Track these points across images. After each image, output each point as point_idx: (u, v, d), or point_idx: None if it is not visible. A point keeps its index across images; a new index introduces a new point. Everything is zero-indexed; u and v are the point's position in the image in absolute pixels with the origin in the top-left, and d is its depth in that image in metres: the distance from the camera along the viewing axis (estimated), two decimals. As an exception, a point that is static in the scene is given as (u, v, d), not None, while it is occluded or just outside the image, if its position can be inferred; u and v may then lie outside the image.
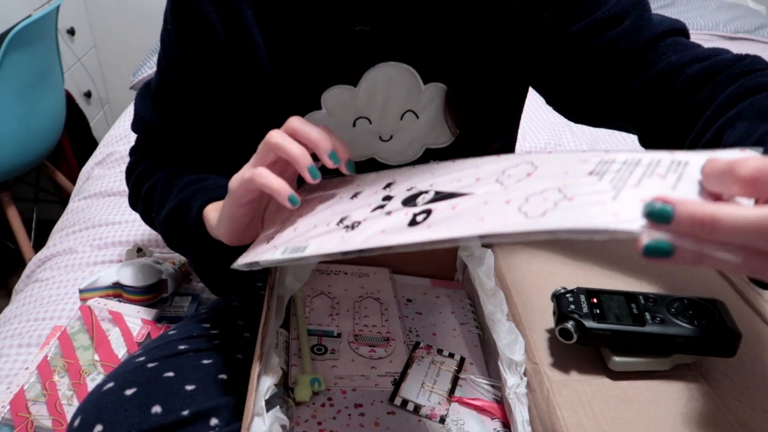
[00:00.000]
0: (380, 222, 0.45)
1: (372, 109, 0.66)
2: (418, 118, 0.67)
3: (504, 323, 0.61)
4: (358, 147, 0.69)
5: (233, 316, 0.74)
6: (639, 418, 0.50)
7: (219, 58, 0.63)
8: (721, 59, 0.58)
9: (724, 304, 0.57)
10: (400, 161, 0.71)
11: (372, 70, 0.64)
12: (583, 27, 0.63)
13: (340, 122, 0.67)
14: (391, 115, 0.67)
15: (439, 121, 0.68)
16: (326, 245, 0.45)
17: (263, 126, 0.66)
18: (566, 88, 0.69)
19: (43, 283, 1.07)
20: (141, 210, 0.75)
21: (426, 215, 0.42)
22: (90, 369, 0.81)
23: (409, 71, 0.64)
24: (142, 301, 0.94)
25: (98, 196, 1.33)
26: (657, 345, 0.54)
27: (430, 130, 0.69)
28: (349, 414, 0.57)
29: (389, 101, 0.66)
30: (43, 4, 1.99)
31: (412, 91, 0.65)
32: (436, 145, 0.71)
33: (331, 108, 0.65)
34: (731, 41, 2.11)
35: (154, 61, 2.00)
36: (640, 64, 0.61)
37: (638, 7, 0.63)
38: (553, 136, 1.56)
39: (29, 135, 1.74)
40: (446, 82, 0.66)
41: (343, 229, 0.46)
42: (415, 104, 0.66)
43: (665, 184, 0.35)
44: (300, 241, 0.48)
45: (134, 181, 0.75)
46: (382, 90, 0.65)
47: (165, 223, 0.66)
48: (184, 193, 0.63)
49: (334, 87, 0.64)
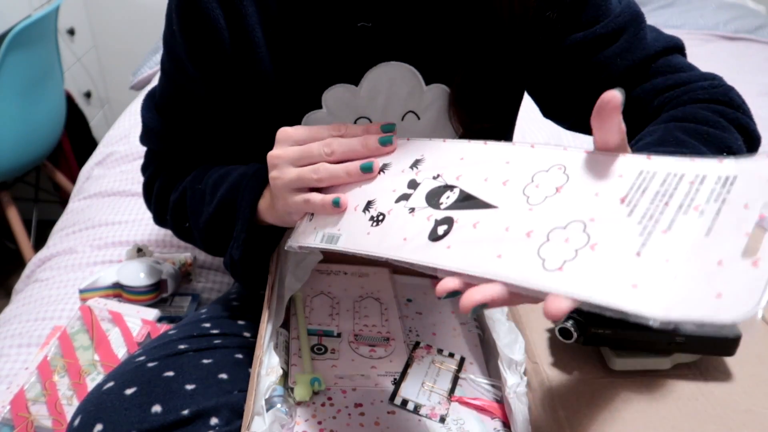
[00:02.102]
0: (403, 223, 0.46)
1: (373, 109, 0.66)
2: (419, 120, 0.67)
3: (504, 323, 0.61)
4: None
5: (233, 316, 0.74)
6: (639, 417, 0.50)
7: (223, 56, 0.63)
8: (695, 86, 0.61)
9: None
10: None
11: (374, 69, 0.63)
12: (582, 39, 0.63)
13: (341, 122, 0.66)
14: (393, 116, 0.67)
15: (441, 122, 0.68)
16: (354, 241, 0.48)
17: (265, 124, 0.67)
18: (559, 97, 0.69)
19: (43, 283, 1.07)
20: (171, 224, 0.75)
21: (447, 228, 0.42)
22: (90, 369, 0.81)
23: (412, 71, 0.64)
24: (142, 301, 0.94)
25: (98, 196, 1.33)
26: (657, 344, 0.54)
27: (431, 132, 0.68)
28: (349, 413, 0.57)
29: (391, 101, 0.65)
30: (43, 4, 1.99)
31: (414, 92, 0.65)
32: None
33: (331, 107, 0.65)
34: (731, 41, 2.11)
35: (154, 61, 2.00)
36: (630, 83, 0.64)
37: (634, 24, 0.64)
38: (553, 136, 1.56)
39: (29, 135, 1.73)
40: (449, 84, 0.65)
41: (369, 221, 0.49)
42: (417, 105, 0.66)
43: (700, 225, 0.32)
44: (333, 229, 0.51)
45: (156, 197, 0.75)
46: (383, 90, 0.65)
47: (207, 228, 0.68)
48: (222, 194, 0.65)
49: (336, 86, 0.64)
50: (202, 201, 0.67)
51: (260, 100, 0.66)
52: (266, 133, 0.68)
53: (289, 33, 0.62)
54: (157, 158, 0.76)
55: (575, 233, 0.36)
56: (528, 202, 0.40)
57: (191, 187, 0.69)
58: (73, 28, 2.20)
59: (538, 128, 1.59)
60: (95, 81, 2.41)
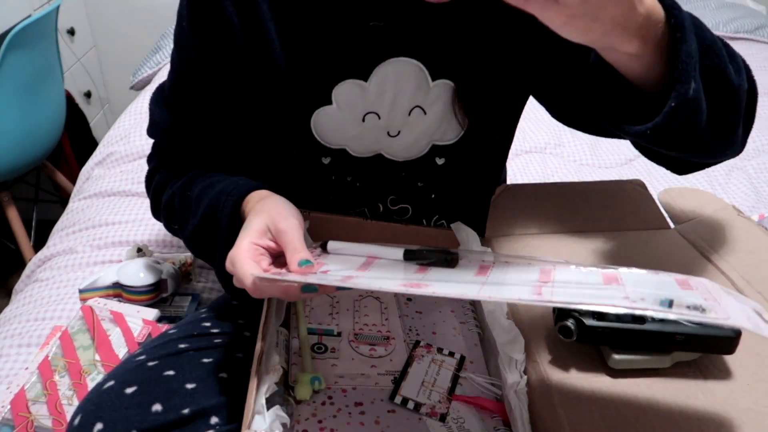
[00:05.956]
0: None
1: (381, 104, 0.66)
2: (425, 114, 0.67)
3: (504, 321, 0.61)
4: (366, 142, 0.69)
5: (233, 315, 0.74)
6: (639, 416, 0.50)
7: (235, 53, 0.63)
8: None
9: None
10: (407, 157, 0.71)
11: (382, 65, 0.64)
12: None
13: (350, 117, 0.67)
14: (400, 111, 0.67)
15: (447, 117, 0.68)
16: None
17: (273, 121, 0.67)
18: (568, 97, 0.69)
19: (43, 283, 1.07)
20: (163, 222, 0.76)
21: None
22: (90, 369, 0.81)
23: (418, 67, 0.64)
24: (142, 301, 0.94)
25: (98, 196, 1.33)
26: (657, 342, 0.54)
27: (437, 127, 0.69)
28: (350, 412, 0.57)
29: (398, 97, 0.66)
30: (43, 4, 1.99)
31: (420, 87, 0.66)
32: (443, 141, 0.71)
33: (341, 102, 0.65)
34: (731, 41, 2.09)
35: (154, 61, 2.00)
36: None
37: None
38: (553, 136, 1.56)
39: (29, 135, 1.74)
40: (454, 80, 0.66)
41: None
42: (423, 100, 0.67)
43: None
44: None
45: (153, 192, 0.75)
46: (391, 85, 0.65)
47: (192, 238, 0.67)
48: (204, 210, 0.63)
49: (345, 81, 0.64)
50: (188, 210, 0.67)
51: (271, 97, 0.66)
52: (273, 131, 0.68)
53: (302, 30, 0.62)
54: (161, 152, 0.76)
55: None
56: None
57: (180, 192, 0.69)
58: (73, 28, 2.20)
59: (538, 128, 1.59)
60: (95, 81, 2.41)
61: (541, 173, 1.43)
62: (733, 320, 0.38)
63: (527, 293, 0.43)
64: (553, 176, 1.42)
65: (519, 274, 0.50)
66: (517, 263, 0.54)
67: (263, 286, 0.48)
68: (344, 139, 0.69)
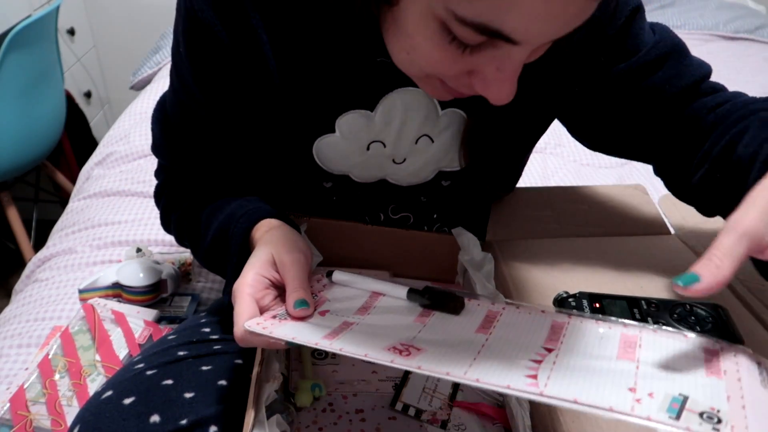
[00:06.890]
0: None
1: (387, 133, 0.65)
2: (433, 143, 0.66)
3: (505, 328, 0.61)
4: (370, 168, 0.68)
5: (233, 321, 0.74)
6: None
7: (234, 84, 0.61)
8: (739, 101, 0.62)
9: (726, 309, 0.57)
10: (412, 182, 0.70)
11: (389, 95, 0.62)
12: (626, 68, 0.63)
13: (354, 146, 0.65)
14: (407, 140, 0.65)
15: (455, 145, 0.67)
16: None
17: (276, 148, 0.66)
18: (597, 122, 0.69)
19: (43, 283, 1.07)
20: (175, 239, 0.76)
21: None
22: (90, 369, 0.81)
23: (427, 97, 0.63)
24: (141, 301, 0.94)
25: (98, 196, 1.33)
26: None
27: (444, 154, 0.67)
28: (350, 419, 0.57)
29: (405, 126, 0.64)
30: (43, 4, 1.99)
31: (429, 116, 0.64)
32: (449, 168, 0.70)
33: (345, 132, 0.64)
34: (731, 41, 2.11)
35: (154, 61, 2.00)
36: (682, 105, 0.64)
37: (678, 50, 0.65)
38: (553, 136, 1.56)
39: (29, 135, 1.73)
40: (464, 109, 0.65)
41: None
42: (432, 129, 0.65)
43: None
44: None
45: (162, 209, 0.75)
46: (398, 115, 0.63)
47: (204, 258, 0.70)
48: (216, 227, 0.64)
49: (350, 112, 0.63)
50: (198, 233, 0.67)
51: (272, 127, 0.65)
52: (275, 157, 0.68)
53: (304, 63, 0.60)
54: (166, 171, 0.75)
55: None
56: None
57: (188, 215, 0.70)
58: (73, 28, 2.20)
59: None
60: (95, 81, 2.41)
61: (541, 173, 1.43)
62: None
63: (520, 380, 0.39)
64: (553, 176, 1.42)
65: (525, 334, 0.47)
66: (528, 313, 0.50)
67: (249, 337, 0.49)
68: (347, 166, 0.67)
